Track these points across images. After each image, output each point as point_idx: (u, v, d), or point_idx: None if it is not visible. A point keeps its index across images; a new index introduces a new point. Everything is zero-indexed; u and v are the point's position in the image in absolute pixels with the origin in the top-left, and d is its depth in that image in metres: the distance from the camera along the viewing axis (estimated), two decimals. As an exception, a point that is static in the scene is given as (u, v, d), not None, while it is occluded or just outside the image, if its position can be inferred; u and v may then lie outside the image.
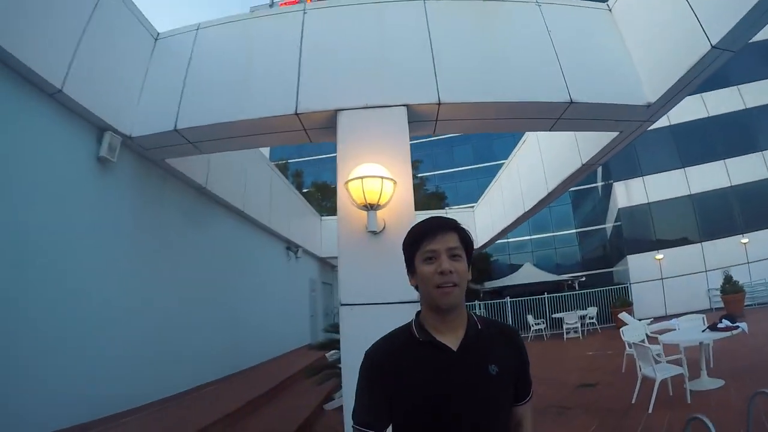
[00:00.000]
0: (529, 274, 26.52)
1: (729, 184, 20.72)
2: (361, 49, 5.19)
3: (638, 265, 21.25)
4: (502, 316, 19.18)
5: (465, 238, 1.42)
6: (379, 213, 4.32)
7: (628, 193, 22.84)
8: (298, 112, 4.79)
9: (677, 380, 6.40)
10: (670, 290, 20.01)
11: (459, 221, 1.47)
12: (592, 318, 16.91)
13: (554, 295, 19.50)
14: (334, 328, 5.65)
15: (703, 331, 7.16)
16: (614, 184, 23.40)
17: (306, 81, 4.96)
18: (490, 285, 27.72)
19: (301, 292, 14.97)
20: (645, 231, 22.52)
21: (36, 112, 4.47)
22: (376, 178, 4.07)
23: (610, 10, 5.79)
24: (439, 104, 4.74)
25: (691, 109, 21.09)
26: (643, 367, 6.41)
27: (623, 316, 12.15)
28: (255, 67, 5.29)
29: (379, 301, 4.25)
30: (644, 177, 22.41)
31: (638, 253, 21.66)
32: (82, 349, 4.80)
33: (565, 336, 15.98)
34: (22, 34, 4.02)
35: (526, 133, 9.76)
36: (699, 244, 20.59)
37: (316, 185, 31.00)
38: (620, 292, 19.23)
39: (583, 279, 27.06)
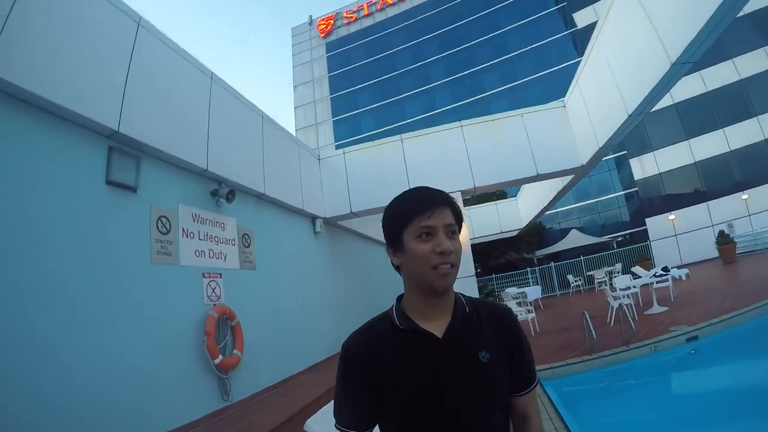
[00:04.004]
0: (575, 239, 28.95)
1: (728, 149, 24.03)
2: (435, 158, 10.22)
3: (655, 225, 25.26)
4: (549, 278, 22.56)
5: (458, 213, 1.30)
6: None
7: (642, 167, 26.76)
8: (413, 201, 10.02)
9: (640, 308, 9.99)
10: (683, 244, 23.79)
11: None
12: (618, 272, 19.65)
13: (588, 257, 22.75)
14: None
15: (651, 277, 10.91)
16: (630, 160, 27.41)
17: (412, 180, 10.05)
18: (540, 253, 30.97)
19: (394, 277, 20.32)
20: (658, 196, 26.34)
21: (294, 219, 9.92)
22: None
23: (564, 106, 10.45)
24: (475, 188, 9.78)
25: (691, 87, 24.59)
26: (610, 300, 9.41)
27: (635, 269, 15.44)
28: (385, 173, 10.44)
29: (460, 275, 9.24)
30: (654, 151, 26.25)
31: (654, 215, 25.67)
32: (307, 323, 10.06)
33: (597, 288, 19.28)
34: (284, 183, 9.33)
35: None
36: (705, 203, 24.07)
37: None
38: (642, 249, 22.48)
39: (620, 239, 30.28)
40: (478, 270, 29.26)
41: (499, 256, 32.31)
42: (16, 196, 4.31)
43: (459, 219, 1.30)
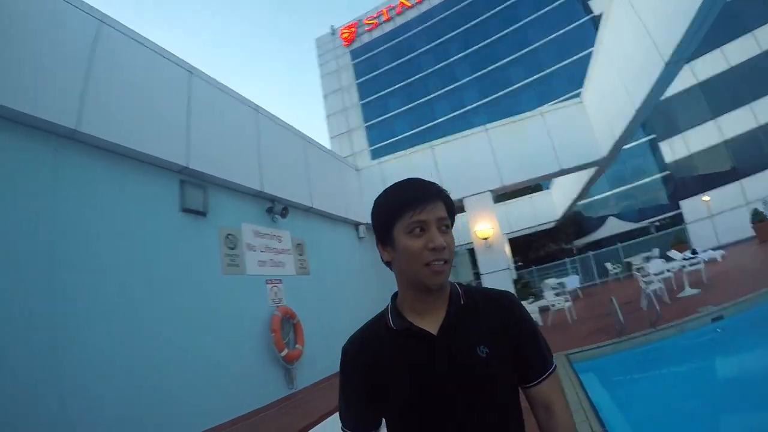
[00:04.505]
0: (613, 226, 28.42)
1: (757, 124, 23.38)
2: (464, 162, 10.99)
3: (690, 208, 24.80)
4: (588, 267, 22.39)
5: (451, 206, 1.24)
6: (488, 238, 10.16)
7: (672, 149, 26.59)
8: (445, 202, 10.85)
9: (673, 291, 10.10)
10: (719, 225, 23.05)
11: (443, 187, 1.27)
12: (656, 257, 19.02)
13: (626, 243, 22.41)
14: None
15: (681, 260, 11.29)
16: (659, 143, 27.32)
17: (444, 183, 10.60)
18: (579, 242, 30.63)
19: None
20: (691, 178, 26.08)
21: (339, 227, 10.92)
22: (488, 229, 9.96)
23: (581, 102, 11.06)
24: (503, 186, 10.51)
25: (714, 64, 24.21)
26: (641, 285, 9.56)
27: (670, 253, 15.26)
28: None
29: (494, 269, 10.05)
30: (683, 133, 26.02)
31: (688, 198, 25.22)
32: (355, 320, 11.00)
33: (634, 275, 18.77)
34: (328, 196, 10.28)
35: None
36: (738, 182, 23.38)
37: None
38: (679, 232, 22.19)
39: (657, 224, 29.42)
40: (520, 263, 29.56)
41: (539, 248, 32.78)
42: (112, 232, 5.46)
43: (452, 213, 1.24)
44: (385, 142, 47.93)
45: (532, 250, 32.59)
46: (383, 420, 1.27)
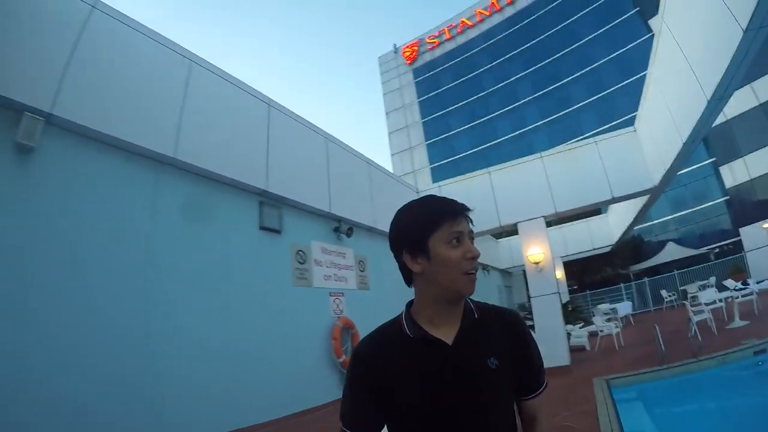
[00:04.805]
0: (672, 252, 27.77)
1: None
2: (519, 188, 11.42)
3: (750, 235, 23.31)
4: (644, 293, 22.48)
5: (470, 220, 1.30)
6: (539, 262, 10.56)
7: (733, 174, 25.79)
8: (501, 224, 11.29)
9: (723, 322, 10.27)
10: None
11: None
12: (712, 286, 18.60)
13: (682, 270, 22.14)
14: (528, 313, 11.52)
15: (732, 291, 11.52)
16: (720, 167, 26.54)
17: (500, 208, 11.35)
18: (636, 268, 29.59)
19: (494, 295, 21.46)
20: (751, 204, 25.15)
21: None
22: (539, 254, 10.39)
23: (635, 131, 11.25)
24: (556, 212, 10.89)
25: None
26: (690, 314, 9.79)
27: (726, 282, 15.75)
28: (475, 203, 11.74)
29: (543, 293, 10.43)
30: (744, 157, 25.18)
31: (747, 225, 23.86)
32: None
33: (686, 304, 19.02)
34: (389, 216, 10.89)
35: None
36: None
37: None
38: (737, 260, 21.56)
39: (717, 250, 28.35)
40: (575, 287, 29.28)
41: (594, 273, 32.16)
42: (205, 246, 6.47)
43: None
44: (445, 161, 48.78)
45: (587, 274, 32.02)
46: (384, 427, 1.28)
